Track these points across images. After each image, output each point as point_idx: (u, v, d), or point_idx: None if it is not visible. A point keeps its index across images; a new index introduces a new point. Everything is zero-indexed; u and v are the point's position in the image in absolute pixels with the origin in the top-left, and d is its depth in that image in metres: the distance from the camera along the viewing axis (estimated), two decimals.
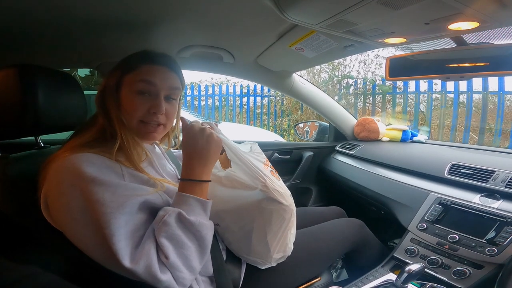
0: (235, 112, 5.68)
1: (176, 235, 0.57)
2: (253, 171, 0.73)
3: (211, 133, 0.67)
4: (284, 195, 0.75)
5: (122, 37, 0.97)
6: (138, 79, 0.67)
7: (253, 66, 1.36)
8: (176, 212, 0.59)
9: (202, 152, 0.66)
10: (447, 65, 0.81)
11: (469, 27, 0.67)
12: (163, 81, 0.69)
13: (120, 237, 0.54)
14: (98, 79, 3.21)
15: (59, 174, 0.58)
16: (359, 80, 5.11)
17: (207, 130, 0.67)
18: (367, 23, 0.72)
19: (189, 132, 0.68)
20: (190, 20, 0.87)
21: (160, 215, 0.59)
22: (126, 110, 0.67)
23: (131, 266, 0.53)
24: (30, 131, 0.73)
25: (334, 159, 1.73)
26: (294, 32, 0.94)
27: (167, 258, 0.56)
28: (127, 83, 0.68)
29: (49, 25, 0.84)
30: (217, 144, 0.68)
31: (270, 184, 0.73)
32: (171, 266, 0.56)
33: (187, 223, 0.59)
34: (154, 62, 0.69)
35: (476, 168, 1.04)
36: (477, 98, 3.84)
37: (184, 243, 0.58)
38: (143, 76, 0.67)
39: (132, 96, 0.67)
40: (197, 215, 0.62)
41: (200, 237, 0.60)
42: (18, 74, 0.65)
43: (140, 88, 0.67)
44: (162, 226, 0.57)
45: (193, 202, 0.62)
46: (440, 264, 0.87)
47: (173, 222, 0.58)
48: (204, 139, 0.66)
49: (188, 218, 0.59)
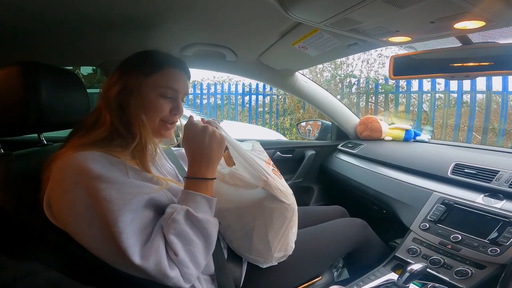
0: (237, 110, 5.67)
1: (185, 232, 0.58)
2: (255, 169, 0.73)
3: (213, 131, 0.67)
4: (286, 193, 0.75)
5: (125, 34, 0.97)
6: (163, 85, 0.69)
7: (256, 65, 1.36)
8: (185, 209, 0.59)
9: (206, 150, 0.66)
10: (451, 64, 0.80)
11: (475, 26, 0.66)
12: (182, 87, 0.73)
13: (128, 234, 0.54)
14: (100, 77, 3.21)
15: (62, 171, 0.57)
16: (362, 79, 5.09)
17: (210, 128, 0.67)
18: (371, 22, 0.71)
19: (191, 130, 0.68)
20: (193, 18, 0.87)
21: (168, 212, 0.59)
22: (148, 110, 0.69)
23: (141, 263, 0.53)
24: (33, 128, 0.73)
25: (336, 158, 1.72)
26: (297, 31, 0.94)
27: (176, 255, 0.56)
28: (150, 85, 0.69)
29: (53, 22, 0.84)
30: (220, 142, 0.68)
31: (272, 182, 0.73)
32: (180, 263, 0.56)
33: (195, 220, 0.59)
34: (176, 67, 0.72)
35: (479, 168, 1.04)
36: (480, 98, 3.82)
37: (191, 240, 0.58)
38: (168, 81, 0.70)
39: (155, 97, 0.69)
40: (204, 212, 0.62)
41: (206, 234, 0.61)
42: (20, 72, 0.65)
43: (165, 92, 0.70)
44: (171, 223, 0.57)
45: (200, 199, 0.63)
46: (442, 264, 0.87)
47: (182, 219, 0.58)
48: (207, 138, 0.66)
49: (196, 215, 0.59)
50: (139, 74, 0.69)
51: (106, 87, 0.69)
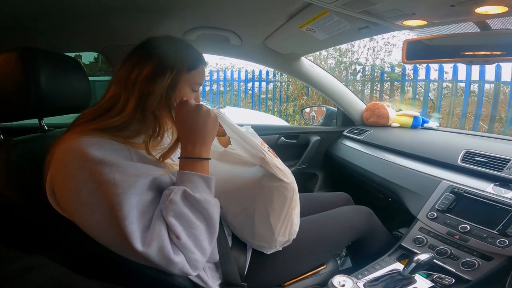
0: (240, 97, 5.62)
1: (184, 213, 0.57)
2: (252, 146, 0.74)
3: (208, 109, 0.66)
4: (284, 171, 0.75)
5: (126, 19, 0.95)
6: (198, 82, 0.72)
7: (261, 49, 1.32)
8: (181, 190, 0.58)
9: (200, 129, 0.64)
10: (464, 52, 0.76)
11: (497, 12, 0.63)
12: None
13: (132, 219, 0.53)
14: (102, 65, 3.18)
15: (65, 156, 0.56)
16: (367, 67, 4.99)
17: (203, 106, 0.66)
18: (386, 3, 0.68)
19: (184, 109, 0.64)
20: (196, 0, 0.84)
21: (165, 194, 0.58)
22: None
23: (144, 249, 0.52)
24: (33, 113, 0.72)
25: (341, 144, 1.70)
26: (305, 12, 0.90)
27: (178, 238, 0.55)
28: (186, 81, 0.69)
29: (53, 7, 0.82)
30: (214, 120, 0.67)
31: (269, 160, 0.73)
32: (183, 247, 0.56)
33: (192, 201, 0.58)
34: (204, 63, 0.74)
35: (490, 156, 1.01)
36: (488, 88, 3.76)
37: (192, 222, 0.57)
38: (200, 79, 0.72)
39: (188, 92, 0.70)
40: (202, 191, 0.61)
41: (207, 215, 0.59)
42: (19, 57, 0.64)
43: (195, 87, 0.72)
44: (169, 205, 0.56)
45: (196, 179, 0.61)
46: (449, 255, 0.86)
47: (179, 200, 0.57)
48: (201, 116, 0.64)
49: (193, 195, 0.58)
50: (182, 67, 0.67)
51: (128, 69, 0.64)
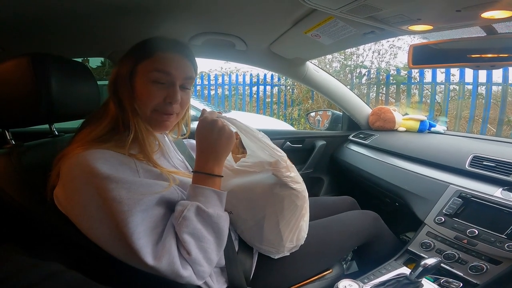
0: (245, 101, 5.64)
1: (197, 230, 0.57)
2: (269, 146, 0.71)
3: (223, 126, 0.65)
4: (296, 179, 0.74)
5: (134, 25, 0.95)
6: (153, 68, 0.65)
7: (266, 54, 1.33)
8: (195, 205, 0.58)
9: (213, 144, 0.64)
10: (471, 55, 0.76)
11: (503, 16, 0.63)
12: (178, 70, 0.67)
13: (139, 234, 0.53)
14: (109, 69, 3.22)
15: (72, 171, 0.57)
16: (373, 70, 4.97)
17: (220, 122, 0.65)
18: (391, 9, 0.68)
19: (202, 123, 0.66)
20: (202, 6, 0.85)
21: (178, 210, 0.58)
22: (140, 99, 0.66)
23: (154, 263, 0.53)
24: (44, 119, 0.73)
25: (347, 148, 1.69)
26: (310, 18, 0.91)
27: (189, 254, 0.55)
28: (142, 71, 0.66)
29: (62, 12, 0.83)
30: (229, 136, 0.65)
31: (286, 159, 0.71)
32: (193, 262, 0.56)
33: (205, 216, 0.58)
34: (169, 49, 0.67)
35: (499, 161, 1.00)
36: (495, 90, 3.71)
37: (203, 236, 0.58)
38: (158, 65, 0.65)
39: (147, 85, 0.65)
40: (214, 206, 0.61)
41: (218, 230, 0.60)
42: (30, 63, 0.65)
43: (156, 77, 0.65)
44: (182, 222, 0.56)
45: (209, 193, 0.62)
46: (457, 259, 0.85)
47: (193, 216, 0.57)
48: (215, 132, 0.64)
49: (206, 210, 0.58)
50: (131, 61, 0.66)
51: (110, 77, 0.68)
